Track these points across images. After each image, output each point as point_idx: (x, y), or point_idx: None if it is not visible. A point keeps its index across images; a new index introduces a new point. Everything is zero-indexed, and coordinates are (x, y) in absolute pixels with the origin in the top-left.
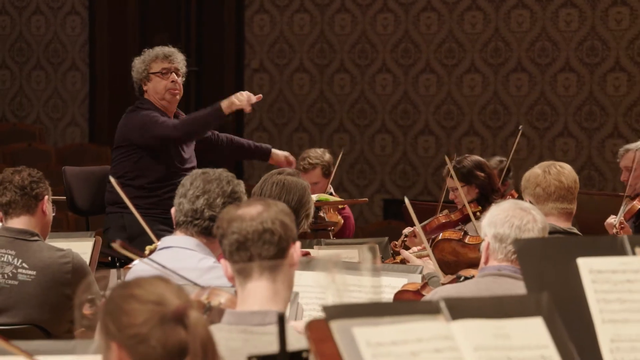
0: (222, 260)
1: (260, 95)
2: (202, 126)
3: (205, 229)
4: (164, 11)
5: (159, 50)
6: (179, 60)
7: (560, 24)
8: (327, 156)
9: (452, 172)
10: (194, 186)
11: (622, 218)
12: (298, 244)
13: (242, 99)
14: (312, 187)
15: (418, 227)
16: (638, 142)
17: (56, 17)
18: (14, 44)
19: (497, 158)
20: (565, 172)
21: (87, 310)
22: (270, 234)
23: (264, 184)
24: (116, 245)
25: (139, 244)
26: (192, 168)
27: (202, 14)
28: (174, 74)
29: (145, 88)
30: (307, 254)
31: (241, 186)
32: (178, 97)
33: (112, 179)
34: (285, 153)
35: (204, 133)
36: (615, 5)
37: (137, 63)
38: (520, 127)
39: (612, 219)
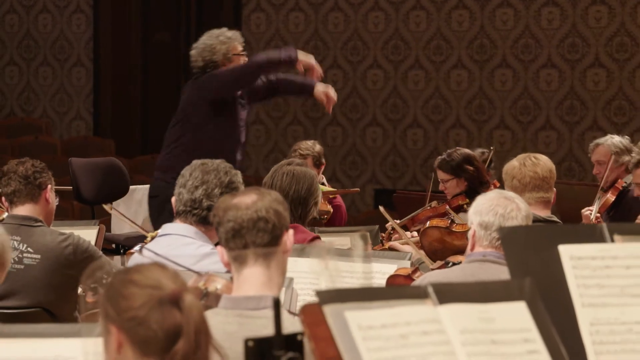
0: (219, 247)
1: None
2: (266, 64)
3: (204, 218)
4: (165, 10)
5: (234, 33)
6: None
7: (543, 22)
8: (318, 147)
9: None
10: (192, 177)
11: (598, 212)
12: (291, 231)
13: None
14: None
15: (394, 224)
16: (607, 136)
17: (62, 16)
18: (22, 41)
19: (480, 150)
20: (540, 163)
21: (90, 298)
22: (265, 222)
23: (274, 175)
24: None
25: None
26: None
27: (202, 12)
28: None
29: (224, 68)
30: (317, 238)
31: (238, 176)
32: None
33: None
34: (325, 86)
35: (261, 72)
36: (594, 4)
37: (215, 43)
38: (492, 148)
39: (587, 211)
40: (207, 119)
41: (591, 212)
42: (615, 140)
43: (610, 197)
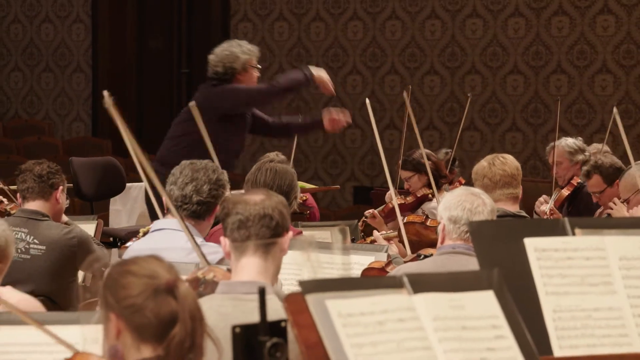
0: (222, 238)
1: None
2: (283, 90)
3: (194, 212)
4: (159, 20)
5: (254, 47)
6: None
7: (509, 32)
8: (280, 157)
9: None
10: (183, 174)
11: (553, 205)
12: (290, 233)
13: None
14: None
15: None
16: (562, 139)
17: (63, 25)
18: (26, 49)
19: (444, 150)
20: (507, 162)
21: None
22: (270, 219)
23: (257, 171)
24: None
25: None
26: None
27: (193, 21)
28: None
29: (239, 77)
30: (300, 233)
31: (225, 175)
32: None
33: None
34: (336, 113)
35: (282, 97)
36: (557, 15)
37: (239, 52)
38: (469, 94)
39: (543, 206)
40: (216, 124)
41: (547, 205)
42: (568, 141)
43: (565, 191)
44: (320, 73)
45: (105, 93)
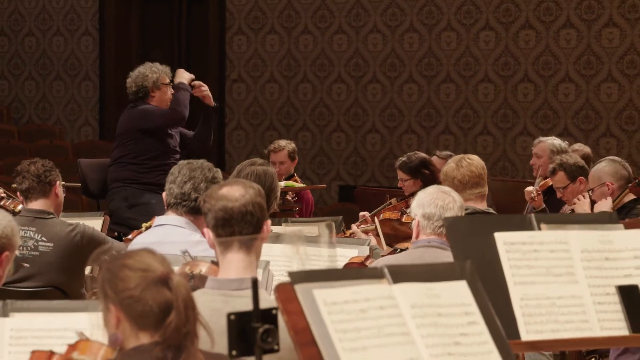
0: (205, 229)
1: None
2: (184, 104)
3: (192, 208)
4: (160, 32)
5: (164, 67)
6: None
7: (481, 44)
8: (293, 145)
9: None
10: (181, 174)
11: (537, 188)
12: (269, 221)
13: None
14: (279, 166)
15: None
16: (551, 137)
17: (73, 38)
18: (39, 60)
19: (447, 152)
20: (474, 162)
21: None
22: (251, 216)
23: (239, 174)
24: None
25: (137, 211)
26: (178, 153)
27: (191, 34)
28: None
29: (152, 94)
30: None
31: (219, 173)
32: None
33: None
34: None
35: (187, 110)
36: (524, 29)
37: (147, 72)
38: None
39: (530, 188)
40: (141, 141)
41: (532, 187)
42: (555, 141)
43: (548, 181)
44: (189, 77)
45: None
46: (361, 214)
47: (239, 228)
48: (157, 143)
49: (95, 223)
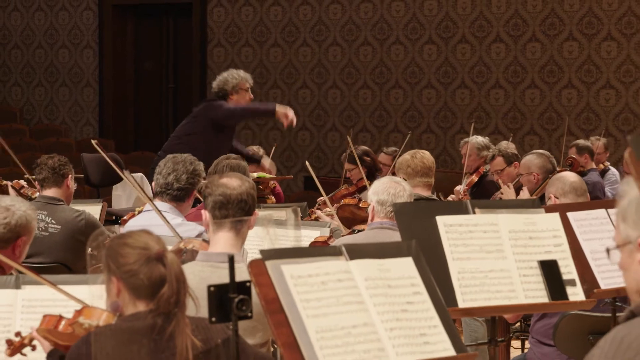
0: (203, 211)
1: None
2: (251, 112)
3: (175, 196)
4: (151, 45)
5: (245, 74)
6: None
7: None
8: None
9: (356, 156)
10: (166, 166)
11: (465, 187)
12: (257, 212)
13: (291, 115)
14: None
15: (326, 199)
16: (474, 136)
17: (76, 50)
18: (47, 69)
19: (393, 148)
20: (426, 156)
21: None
22: (244, 203)
23: (217, 166)
24: None
25: None
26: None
27: (178, 47)
28: (250, 93)
29: (231, 97)
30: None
31: (200, 166)
32: None
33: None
34: (269, 163)
35: (252, 117)
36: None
37: (229, 77)
38: (410, 133)
39: (458, 187)
40: (210, 130)
41: (460, 187)
42: (478, 139)
43: (474, 177)
44: (285, 111)
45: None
46: (319, 199)
47: (233, 212)
48: (214, 139)
49: (95, 208)
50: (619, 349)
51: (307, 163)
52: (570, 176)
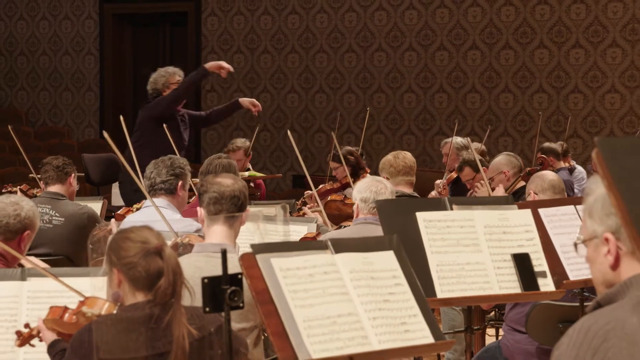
0: (199, 208)
1: (231, 68)
2: (188, 85)
3: (163, 189)
4: (149, 52)
5: (174, 69)
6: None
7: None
8: (247, 143)
9: (341, 157)
10: (149, 170)
11: (445, 181)
12: (249, 209)
13: (218, 64)
14: (237, 163)
15: (315, 194)
16: (454, 137)
17: (78, 56)
18: (52, 74)
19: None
20: (407, 157)
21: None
22: (237, 199)
23: (209, 165)
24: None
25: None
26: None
27: (174, 53)
28: None
29: (164, 94)
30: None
31: (179, 160)
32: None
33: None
34: (250, 100)
35: (191, 91)
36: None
37: (157, 76)
38: (368, 109)
39: (439, 181)
40: (155, 130)
41: (440, 181)
42: (457, 140)
43: (454, 174)
44: (215, 63)
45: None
46: (306, 192)
47: (226, 207)
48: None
49: (96, 205)
50: (586, 337)
51: (288, 133)
52: (549, 174)
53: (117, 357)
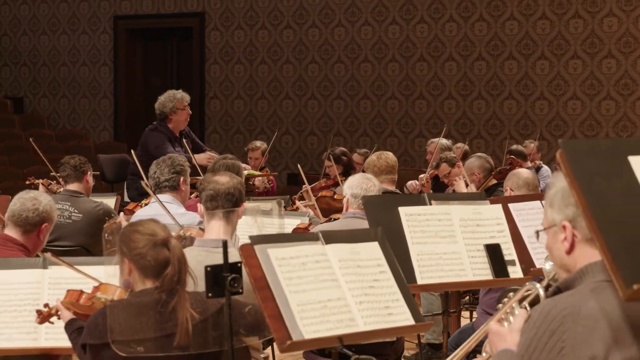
0: (199, 204)
1: None
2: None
3: (167, 187)
4: (158, 63)
5: (182, 94)
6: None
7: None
8: (265, 145)
9: (332, 158)
10: (151, 169)
11: (428, 176)
12: (245, 203)
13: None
14: (255, 160)
15: (308, 188)
16: (439, 138)
17: (95, 67)
18: (71, 83)
19: (365, 150)
20: (390, 157)
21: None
22: (232, 196)
23: (215, 165)
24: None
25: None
26: None
27: (180, 64)
28: (188, 108)
29: (170, 117)
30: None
31: (179, 158)
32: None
33: (133, 154)
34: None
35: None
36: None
37: (166, 100)
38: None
39: (422, 175)
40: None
41: (424, 175)
42: (442, 141)
43: (435, 172)
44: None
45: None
46: (304, 186)
47: (222, 203)
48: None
49: (110, 201)
50: (545, 319)
51: (298, 166)
52: (524, 173)
53: (128, 337)
